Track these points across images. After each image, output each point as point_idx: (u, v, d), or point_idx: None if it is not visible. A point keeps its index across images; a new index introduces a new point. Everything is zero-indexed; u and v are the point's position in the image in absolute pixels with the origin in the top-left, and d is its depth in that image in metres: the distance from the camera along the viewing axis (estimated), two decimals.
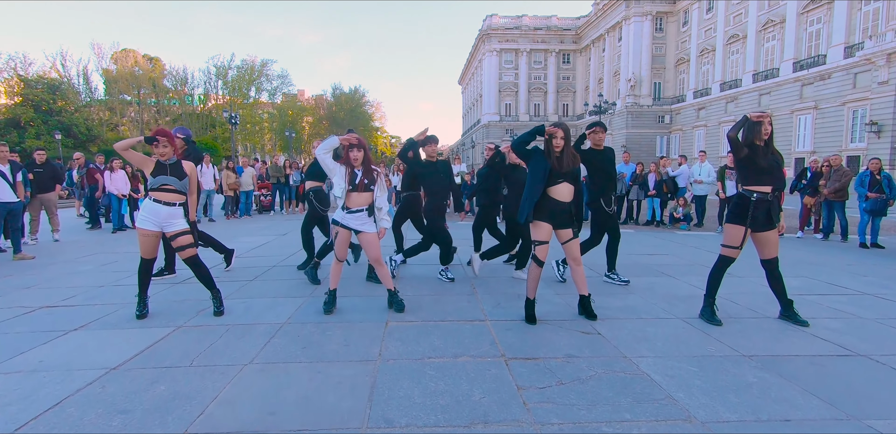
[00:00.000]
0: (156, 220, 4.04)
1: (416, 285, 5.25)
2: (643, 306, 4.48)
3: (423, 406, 2.53)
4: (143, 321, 4.01)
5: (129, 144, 3.96)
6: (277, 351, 3.32)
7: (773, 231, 3.97)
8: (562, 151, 3.89)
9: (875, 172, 8.22)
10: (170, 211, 4.06)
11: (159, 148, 4.07)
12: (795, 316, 4.00)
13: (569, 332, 3.72)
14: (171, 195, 4.08)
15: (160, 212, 4.03)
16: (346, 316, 4.15)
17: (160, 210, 4.03)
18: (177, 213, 4.11)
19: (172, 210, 4.08)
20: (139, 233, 4.07)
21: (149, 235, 4.07)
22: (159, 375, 2.92)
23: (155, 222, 4.04)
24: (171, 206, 4.07)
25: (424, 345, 3.44)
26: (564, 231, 3.96)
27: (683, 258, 7.01)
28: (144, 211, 4.08)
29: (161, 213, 4.03)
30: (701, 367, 3.06)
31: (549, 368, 3.03)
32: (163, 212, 4.03)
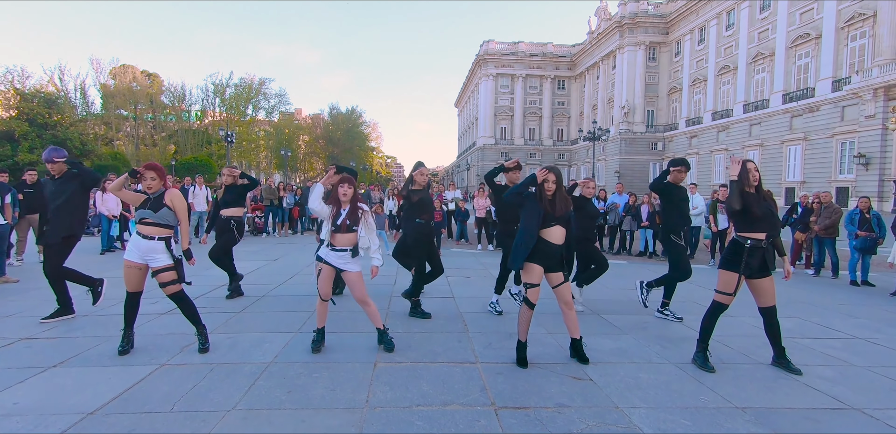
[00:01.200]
0: (139, 254, 3.98)
1: (407, 322, 5.18)
2: (635, 349, 4.43)
3: None
4: (125, 358, 3.91)
5: (120, 185, 3.99)
6: (262, 395, 3.23)
7: (767, 279, 3.97)
8: (554, 195, 3.87)
9: (864, 211, 8.30)
10: (149, 245, 3.96)
11: (146, 181, 4.03)
12: (788, 364, 3.97)
13: (560, 378, 3.66)
14: (150, 228, 3.97)
15: (140, 245, 3.97)
16: (334, 355, 4.07)
17: (140, 244, 3.97)
18: (157, 247, 3.98)
19: (152, 244, 3.96)
20: (125, 264, 4.01)
21: (132, 267, 4.00)
22: (138, 422, 2.82)
23: (138, 255, 3.98)
24: (150, 240, 3.96)
25: (413, 390, 3.36)
26: (555, 274, 3.91)
27: (676, 294, 6.96)
28: (130, 243, 4.05)
29: (141, 246, 3.96)
30: (694, 420, 3.01)
31: (539, 419, 2.96)
32: (143, 246, 3.96)
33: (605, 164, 53.52)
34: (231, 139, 35.64)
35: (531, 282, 3.86)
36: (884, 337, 5.06)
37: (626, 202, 11.69)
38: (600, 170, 52.19)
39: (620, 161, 51.20)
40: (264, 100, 58.62)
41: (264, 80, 57.31)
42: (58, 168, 5.00)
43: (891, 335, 5.13)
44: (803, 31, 35.45)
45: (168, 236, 4.06)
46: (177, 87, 55.89)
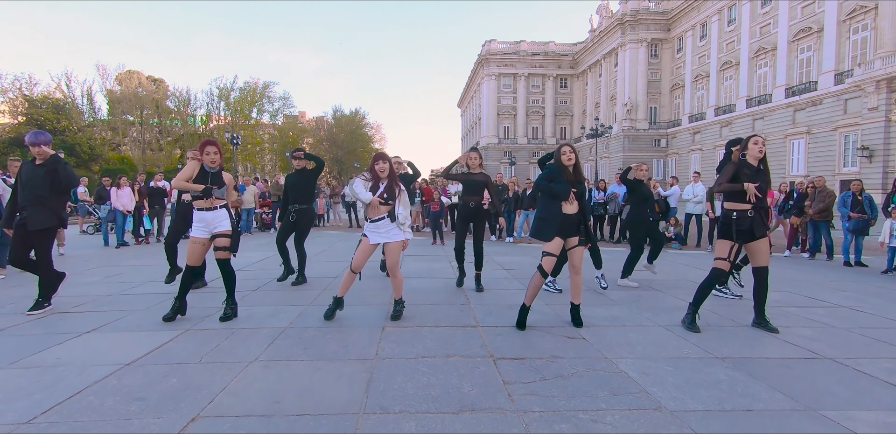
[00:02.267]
0: (205, 227, 4.35)
1: (412, 297, 5.45)
2: (628, 316, 4.71)
3: (415, 397, 2.74)
4: (151, 325, 4.23)
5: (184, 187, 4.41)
6: (280, 351, 3.54)
7: (761, 241, 4.24)
8: (575, 165, 4.20)
9: (857, 193, 8.52)
10: (214, 214, 4.37)
11: (209, 156, 4.41)
12: (767, 324, 4.23)
13: (555, 338, 3.94)
14: (200, 202, 4.36)
15: (206, 218, 4.35)
16: (344, 322, 4.37)
17: (206, 216, 4.35)
18: (221, 213, 4.41)
19: (216, 212, 4.39)
20: (190, 240, 4.39)
21: (196, 242, 4.38)
22: (171, 370, 3.13)
23: (205, 229, 4.35)
24: (214, 210, 4.37)
25: (418, 346, 3.65)
26: (572, 238, 4.25)
27: (672, 274, 7.24)
28: (195, 221, 4.40)
29: (207, 217, 4.35)
30: (676, 367, 3.28)
31: (534, 367, 3.24)
32: (208, 216, 4.35)
33: (608, 161, 53.64)
34: (236, 141, 36.09)
35: (549, 251, 4.15)
36: (868, 306, 5.30)
37: (626, 192, 11.92)
38: (604, 167, 52.30)
39: (624, 158, 51.25)
40: (268, 103, 58.98)
41: (268, 83, 57.69)
42: (44, 153, 4.81)
43: (875, 305, 5.38)
44: (805, 24, 35.50)
45: (226, 203, 4.47)
46: (182, 91, 56.33)
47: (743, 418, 2.53)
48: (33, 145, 4.79)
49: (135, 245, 11.09)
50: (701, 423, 2.47)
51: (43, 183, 4.76)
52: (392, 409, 2.58)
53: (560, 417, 2.51)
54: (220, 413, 2.52)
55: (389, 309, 4.75)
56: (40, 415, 2.50)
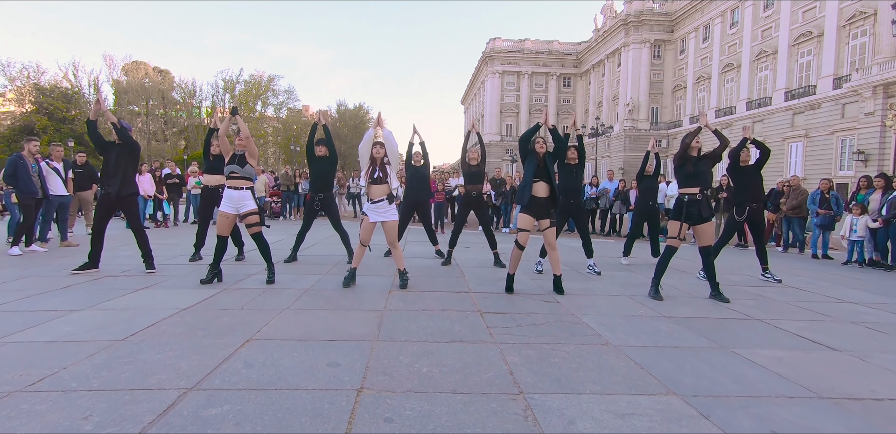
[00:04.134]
0: (232, 204, 5.13)
1: (414, 271, 6.19)
2: (600, 288, 5.47)
3: (417, 332, 3.50)
4: (194, 286, 4.99)
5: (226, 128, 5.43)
6: (306, 303, 4.31)
7: (707, 224, 4.98)
8: (544, 155, 4.95)
9: (825, 192, 9.25)
10: (239, 194, 5.16)
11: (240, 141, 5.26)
12: (719, 295, 4.98)
13: (534, 301, 4.70)
14: (237, 181, 5.16)
15: (233, 196, 5.14)
16: (356, 287, 5.14)
17: (232, 195, 5.14)
18: (245, 195, 5.20)
19: (241, 193, 5.17)
20: (219, 214, 5.20)
21: (224, 216, 5.18)
22: (221, 313, 3.90)
23: (231, 206, 5.14)
24: (240, 190, 5.16)
25: (419, 303, 4.42)
26: (542, 221, 5.00)
27: (651, 260, 7.98)
28: (224, 198, 5.19)
29: (234, 197, 5.13)
30: (628, 321, 4.04)
31: (513, 318, 4.00)
32: (234, 196, 5.14)
33: (609, 160, 54.36)
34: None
35: (521, 227, 4.93)
36: (814, 287, 6.05)
37: (616, 187, 12.67)
38: (604, 166, 53.00)
39: (624, 157, 51.98)
40: (273, 96, 59.53)
41: (273, 76, 58.24)
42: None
43: (821, 286, 6.12)
44: (805, 29, 36.09)
45: (251, 187, 5.26)
46: (187, 83, 56.91)
47: (669, 352, 3.29)
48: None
49: (154, 228, 11.85)
50: (636, 352, 3.23)
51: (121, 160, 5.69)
52: (399, 339, 3.34)
53: (527, 347, 3.26)
54: (267, 337, 3.29)
55: (395, 279, 5.51)
56: (130, 336, 3.27)
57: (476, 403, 2.37)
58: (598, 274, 6.39)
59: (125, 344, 3.11)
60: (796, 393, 2.64)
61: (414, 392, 2.48)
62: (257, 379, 2.58)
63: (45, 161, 8.00)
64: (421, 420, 2.18)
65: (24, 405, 2.23)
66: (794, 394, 2.63)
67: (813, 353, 3.38)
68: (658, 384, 2.68)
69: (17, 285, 4.87)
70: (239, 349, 3.03)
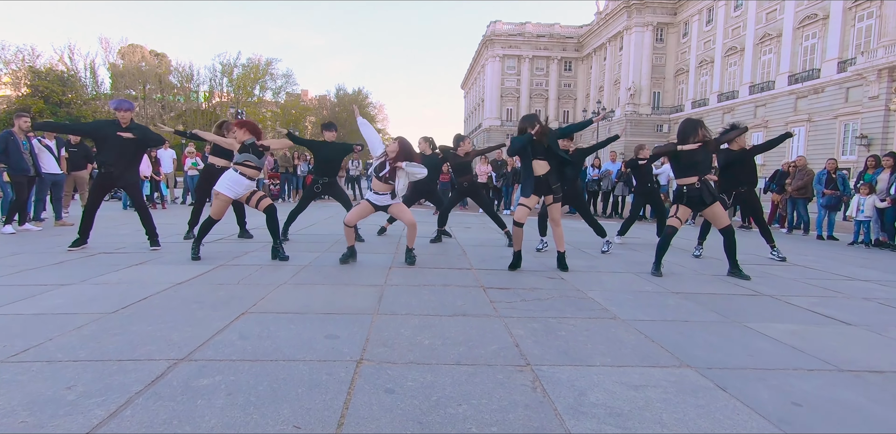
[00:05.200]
0: (236, 191, 4.97)
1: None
2: (604, 265, 5.36)
3: (418, 306, 3.39)
4: (188, 262, 4.87)
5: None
6: (304, 278, 4.20)
7: (714, 205, 4.85)
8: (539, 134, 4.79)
9: (831, 171, 9.11)
10: (249, 184, 5.07)
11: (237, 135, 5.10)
12: (740, 272, 4.88)
13: (538, 277, 4.59)
14: (252, 171, 5.03)
15: (243, 183, 4.99)
16: (356, 264, 5.02)
17: (243, 183, 4.99)
18: (252, 185, 5.13)
19: (251, 184, 5.10)
20: (219, 196, 4.99)
21: (223, 199, 4.99)
22: (217, 288, 3.79)
23: (234, 192, 4.97)
24: (252, 181, 5.08)
25: (420, 279, 4.31)
26: (547, 197, 4.88)
27: (654, 240, 7.86)
28: (231, 181, 4.97)
29: (244, 184, 5.00)
30: (635, 296, 3.93)
31: (517, 294, 3.89)
32: (245, 184, 5.01)
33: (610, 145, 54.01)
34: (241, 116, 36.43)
35: (522, 203, 4.81)
36: (821, 265, 5.95)
37: (619, 169, 12.50)
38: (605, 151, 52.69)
39: (626, 143, 51.54)
40: (271, 80, 58.77)
41: (271, 60, 57.37)
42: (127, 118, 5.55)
43: (827, 265, 6.02)
44: (811, 11, 35.51)
45: (260, 178, 5.10)
46: (185, 66, 56.14)
47: (679, 325, 3.18)
48: (119, 110, 5.48)
49: (151, 209, 11.69)
50: (645, 326, 3.12)
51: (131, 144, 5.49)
52: (399, 312, 3.23)
53: (533, 320, 3.16)
54: (264, 310, 3.17)
55: (395, 256, 5.39)
56: (121, 309, 3.15)
57: (481, 375, 2.26)
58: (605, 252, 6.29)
59: (116, 316, 3.00)
60: (814, 365, 2.53)
61: (416, 364, 2.37)
62: (252, 350, 2.47)
63: (37, 138, 7.83)
64: (424, 391, 2.08)
65: (5, 375, 2.12)
66: (812, 366, 2.52)
67: (827, 327, 3.27)
68: (670, 356, 2.58)
69: (10, 261, 4.75)
70: (234, 322, 2.92)
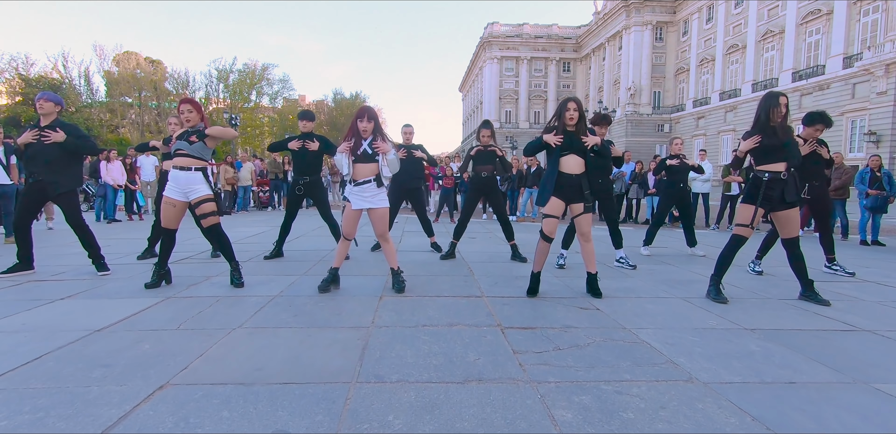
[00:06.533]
0: (177, 189, 4.05)
1: (412, 269, 5.13)
2: (643, 287, 4.40)
3: (415, 365, 2.44)
4: (132, 292, 3.92)
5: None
6: (267, 318, 3.23)
7: (792, 210, 3.91)
8: (576, 124, 3.85)
9: (875, 169, 8.18)
10: (187, 176, 4.05)
11: (183, 115, 4.12)
12: (816, 296, 3.93)
13: (567, 308, 3.63)
14: (185, 160, 4.06)
15: (179, 179, 4.05)
16: (339, 292, 4.06)
17: (179, 177, 4.05)
18: (195, 177, 4.09)
19: (189, 175, 4.06)
20: (163, 200, 4.10)
21: (168, 203, 4.08)
22: (145, 336, 2.83)
23: (178, 190, 4.05)
24: (188, 171, 4.06)
25: (419, 315, 3.35)
26: (576, 205, 3.92)
27: (684, 250, 6.92)
28: (170, 179, 4.11)
29: (180, 179, 4.04)
30: (702, 337, 2.98)
31: (546, 336, 2.94)
32: (181, 178, 4.04)
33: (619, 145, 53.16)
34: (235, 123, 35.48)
35: (547, 213, 3.85)
36: (895, 281, 5.00)
37: (633, 170, 11.59)
38: None
39: (626, 143, 50.70)
40: (268, 86, 58.03)
41: (267, 65, 56.63)
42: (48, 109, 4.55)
43: None
44: (814, 7, 34.70)
45: (204, 167, 4.14)
46: (180, 73, 55.36)
47: (786, 391, 2.23)
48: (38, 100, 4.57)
49: (127, 221, 10.76)
50: (741, 395, 2.17)
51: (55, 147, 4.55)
52: (388, 378, 2.27)
53: (580, 388, 2.21)
54: (194, 380, 2.21)
55: (388, 280, 4.46)
56: None
57: None
58: (633, 267, 5.34)
59: None
60: None
61: None
62: None
63: None
64: None
65: None
66: None
67: None
68: None
69: None
70: (140, 406, 1.97)
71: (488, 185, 5.89)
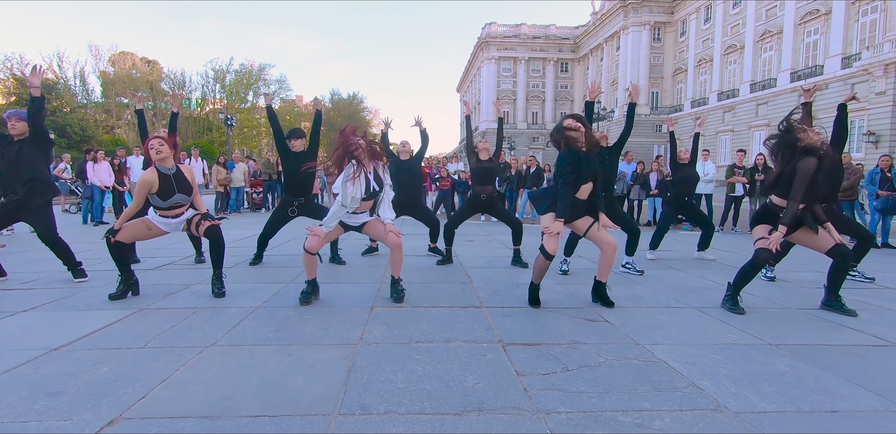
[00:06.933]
0: (169, 227, 3.93)
1: (407, 274, 4.80)
2: (652, 296, 4.12)
3: (406, 391, 2.15)
4: (102, 304, 3.63)
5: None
6: (245, 334, 2.94)
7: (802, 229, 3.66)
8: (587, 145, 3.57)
9: (885, 170, 7.92)
10: (178, 221, 3.94)
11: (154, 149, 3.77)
12: (841, 306, 3.67)
13: (573, 320, 3.35)
14: (180, 209, 3.90)
15: (171, 223, 3.90)
16: (327, 301, 3.78)
17: (171, 223, 3.91)
18: (187, 214, 3.97)
19: (182, 216, 3.95)
20: (142, 220, 3.86)
21: (146, 224, 3.84)
22: (105, 357, 2.53)
23: (168, 227, 3.93)
24: (179, 217, 3.93)
25: (412, 329, 3.06)
26: (580, 222, 3.64)
27: (690, 254, 6.66)
28: (155, 221, 3.88)
29: (172, 224, 3.91)
30: (724, 355, 2.70)
31: (552, 354, 2.66)
32: (174, 223, 3.91)
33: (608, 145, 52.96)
34: (231, 123, 35.14)
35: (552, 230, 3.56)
36: None
37: (634, 171, 11.32)
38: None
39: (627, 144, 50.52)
40: (265, 86, 57.73)
41: (264, 65, 56.41)
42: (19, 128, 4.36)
43: None
44: (812, 7, 34.54)
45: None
46: (176, 73, 55.10)
47: (829, 421, 1.96)
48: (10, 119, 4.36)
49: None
50: (777, 427, 1.90)
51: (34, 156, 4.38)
52: (375, 409, 1.99)
53: (595, 421, 1.92)
54: (150, 413, 1.92)
55: (381, 288, 4.17)
56: None
57: None
58: (641, 273, 5.07)
59: None
60: None
61: None
62: None
63: None
64: None
65: None
66: None
67: None
68: None
69: None
70: None
71: (488, 204, 5.60)
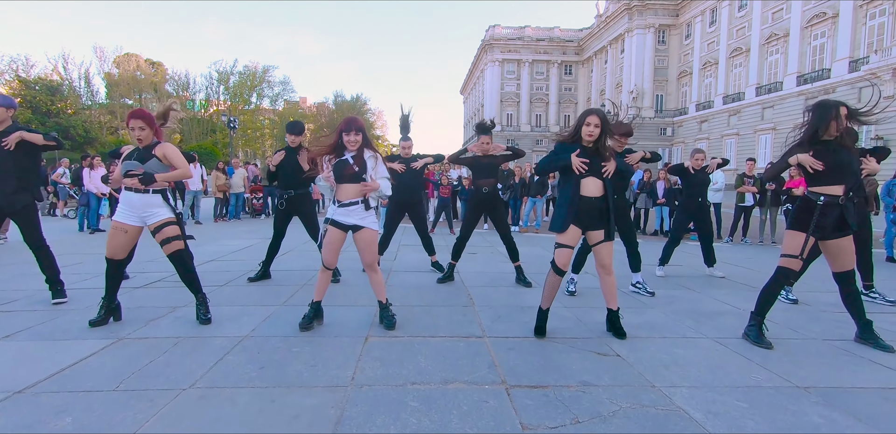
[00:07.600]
0: (131, 213, 3.54)
1: (405, 296, 4.62)
2: (665, 323, 3.88)
3: None
4: (81, 331, 3.41)
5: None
6: (228, 372, 2.71)
7: (846, 238, 3.40)
8: (595, 141, 3.35)
9: None
10: (143, 199, 3.53)
11: (134, 132, 3.57)
12: (877, 340, 3.40)
13: (582, 354, 3.12)
14: (133, 180, 3.50)
15: (133, 202, 3.52)
16: (320, 329, 3.55)
17: (133, 200, 3.53)
18: (153, 200, 3.56)
19: (146, 198, 3.54)
20: (112, 225, 3.58)
21: (118, 228, 3.54)
22: (71, 403, 2.31)
23: (131, 214, 3.55)
24: (145, 194, 3.54)
25: (409, 366, 2.83)
26: (595, 232, 3.40)
27: (699, 270, 6.40)
28: (121, 203, 3.59)
29: (135, 203, 3.52)
30: (750, 402, 2.46)
31: (560, 400, 2.42)
32: (136, 201, 3.52)
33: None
34: (234, 125, 35.00)
35: (563, 242, 3.35)
36: None
37: (641, 179, 11.07)
38: None
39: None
40: (268, 88, 57.84)
41: (268, 67, 56.45)
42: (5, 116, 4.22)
43: None
44: (819, 10, 34.23)
45: (163, 188, 3.63)
46: (181, 75, 55.15)
47: None
48: None
49: None
50: None
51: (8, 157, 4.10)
52: None
53: None
54: None
55: (376, 311, 3.94)
56: None
57: None
58: (651, 294, 4.82)
59: None
60: None
61: None
62: None
63: None
64: None
65: None
66: None
67: None
68: None
69: None
70: None
71: (490, 200, 5.35)
